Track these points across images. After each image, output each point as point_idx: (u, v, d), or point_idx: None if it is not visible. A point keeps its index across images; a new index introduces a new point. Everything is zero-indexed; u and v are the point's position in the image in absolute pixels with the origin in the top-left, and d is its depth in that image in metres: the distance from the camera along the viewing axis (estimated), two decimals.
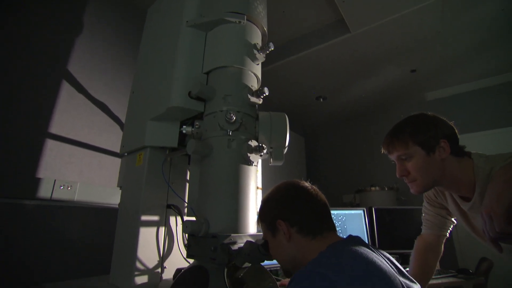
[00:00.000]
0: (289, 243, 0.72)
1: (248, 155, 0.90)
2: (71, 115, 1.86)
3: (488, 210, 0.63)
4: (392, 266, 0.63)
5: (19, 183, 1.55)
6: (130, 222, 1.07)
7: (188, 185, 1.16)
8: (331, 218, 0.77)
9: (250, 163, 0.93)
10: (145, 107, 1.17)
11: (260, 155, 0.93)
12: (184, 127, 1.01)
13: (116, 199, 1.30)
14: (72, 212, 1.73)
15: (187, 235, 0.95)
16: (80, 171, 1.84)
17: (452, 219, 1.13)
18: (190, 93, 0.99)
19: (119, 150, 1.30)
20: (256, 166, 0.99)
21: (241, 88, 0.99)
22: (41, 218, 1.60)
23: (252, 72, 1.05)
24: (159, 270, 1.03)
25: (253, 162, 0.94)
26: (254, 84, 1.05)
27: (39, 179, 1.62)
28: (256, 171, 0.98)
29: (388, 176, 3.57)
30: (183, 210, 1.12)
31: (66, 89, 1.87)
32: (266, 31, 1.16)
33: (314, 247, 0.69)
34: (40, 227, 1.59)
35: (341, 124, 4.77)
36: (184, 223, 0.84)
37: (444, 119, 0.94)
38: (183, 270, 0.87)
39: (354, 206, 3.52)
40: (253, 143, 0.92)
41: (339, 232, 0.77)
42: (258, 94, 0.99)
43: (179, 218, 1.12)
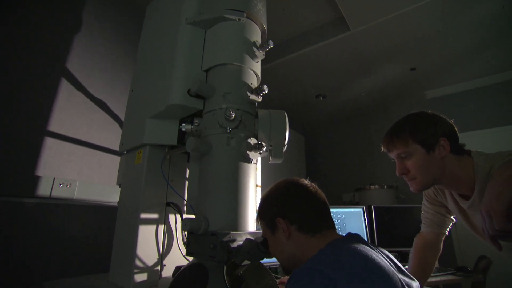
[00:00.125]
0: (288, 241, 0.72)
1: (248, 153, 0.90)
2: (70, 113, 1.86)
3: (488, 208, 0.63)
4: (391, 264, 0.64)
5: (18, 181, 1.55)
6: (130, 220, 1.07)
7: (187, 183, 1.16)
8: (331, 216, 0.77)
9: (249, 161, 0.93)
10: (144, 105, 1.17)
11: (260, 153, 0.93)
12: (183, 125, 1.01)
13: (115, 197, 1.30)
14: (71, 210, 1.73)
15: (186, 233, 0.95)
16: (79, 169, 1.83)
17: (452, 217, 1.13)
18: (189, 90, 0.98)
19: (118, 148, 1.29)
20: (256, 164, 0.98)
21: (240, 86, 0.98)
22: (40, 216, 1.60)
23: (251, 69, 1.04)
24: (159, 268, 1.03)
25: (252, 160, 0.94)
26: (253, 82, 1.05)
27: (38, 177, 1.62)
28: (255, 169, 0.98)
29: (388, 175, 3.58)
30: (183, 208, 1.12)
31: (66, 87, 1.87)
32: (266, 29, 1.16)
33: (313, 244, 0.69)
34: (40, 225, 1.59)
35: (340, 122, 4.77)
36: (183, 221, 0.84)
37: (443, 117, 0.94)
38: (182, 268, 0.87)
39: (353, 204, 3.52)
40: (252, 141, 0.92)
41: (338, 230, 0.78)
42: (257, 92, 0.99)
43: (178, 216, 1.12)
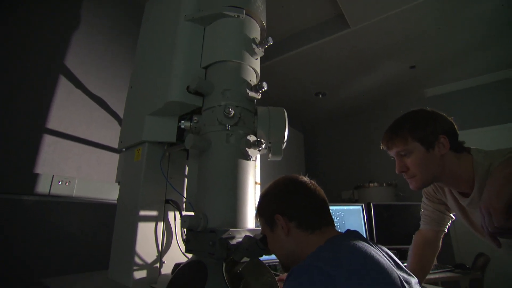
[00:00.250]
0: (287, 237, 0.72)
1: (247, 150, 0.90)
2: (69, 111, 1.85)
3: (487, 205, 0.63)
4: (390, 260, 0.64)
5: (17, 178, 1.55)
6: (129, 217, 1.07)
7: (186, 180, 1.16)
8: (330, 213, 0.77)
9: (248, 158, 0.93)
10: (143, 102, 1.16)
11: (259, 150, 0.93)
12: (182, 122, 1.01)
13: (114, 194, 1.30)
14: (70, 207, 1.72)
15: (185, 230, 0.95)
16: (78, 166, 1.83)
17: (451, 214, 1.13)
18: (188, 87, 0.98)
19: (117, 145, 1.29)
20: (255, 161, 0.98)
21: (239, 83, 0.98)
22: (39, 214, 1.59)
23: (251, 66, 1.04)
24: (158, 265, 1.04)
25: (251, 157, 0.94)
26: (253, 78, 1.04)
27: (37, 174, 1.62)
28: (254, 166, 0.98)
29: (387, 172, 3.59)
30: (182, 205, 1.12)
31: (64, 84, 1.86)
32: (265, 26, 1.15)
33: (312, 241, 0.69)
34: (39, 223, 1.59)
35: (340, 120, 4.77)
36: (182, 218, 0.84)
37: (443, 115, 0.93)
38: (181, 265, 0.87)
39: (352, 202, 3.53)
40: (251, 138, 0.91)
41: (337, 227, 0.77)
42: (257, 89, 0.98)
43: (177, 213, 1.12)
